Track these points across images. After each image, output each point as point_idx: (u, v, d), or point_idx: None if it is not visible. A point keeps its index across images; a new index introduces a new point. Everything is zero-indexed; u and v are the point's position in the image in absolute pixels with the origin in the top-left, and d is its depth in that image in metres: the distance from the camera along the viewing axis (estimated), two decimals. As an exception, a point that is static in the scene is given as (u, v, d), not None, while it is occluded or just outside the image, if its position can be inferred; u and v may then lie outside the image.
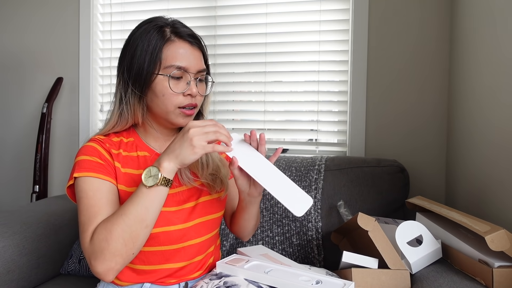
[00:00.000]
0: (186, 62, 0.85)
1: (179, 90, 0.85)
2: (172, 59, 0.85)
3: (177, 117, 0.87)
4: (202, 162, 0.94)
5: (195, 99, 0.88)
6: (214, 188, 0.95)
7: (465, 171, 1.29)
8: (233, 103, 1.80)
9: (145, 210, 0.76)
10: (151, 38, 0.85)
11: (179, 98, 0.85)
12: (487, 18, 1.13)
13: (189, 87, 0.85)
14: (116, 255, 0.75)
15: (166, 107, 0.86)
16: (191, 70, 0.86)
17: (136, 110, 0.88)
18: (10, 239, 1.14)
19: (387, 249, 0.93)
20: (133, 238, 0.75)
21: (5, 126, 1.96)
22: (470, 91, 1.26)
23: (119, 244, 0.74)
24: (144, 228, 0.76)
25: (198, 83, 0.89)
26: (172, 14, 1.76)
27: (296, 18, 1.66)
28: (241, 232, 1.03)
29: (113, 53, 1.85)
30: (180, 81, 0.86)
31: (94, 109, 1.87)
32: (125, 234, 0.74)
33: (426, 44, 1.53)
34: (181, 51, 0.86)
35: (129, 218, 0.75)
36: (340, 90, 1.64)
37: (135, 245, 0.76)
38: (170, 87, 0.84)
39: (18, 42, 1.93)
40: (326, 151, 1.67)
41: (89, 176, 0.82)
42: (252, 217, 0.97)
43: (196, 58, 0.88)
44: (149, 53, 0.84)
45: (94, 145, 0.86)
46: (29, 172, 1.91)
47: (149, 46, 0.85)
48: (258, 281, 0.81)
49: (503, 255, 0.81)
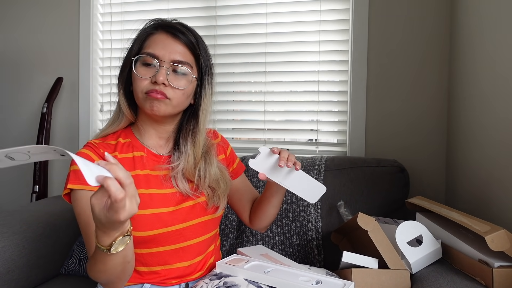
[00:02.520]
0: (159, 51, 0.86)
1: (147, 76, 0.85)
2: (148, 47, 0.87)
3: (145, 102, 0.86)
4: (200, 175, 0.91)
5: (164, 88, 0.85)
6: (211, 202, 0.93)
7: (465, 171, 1.29)
8: (233, 103, 1.80)
9: (123, 259, 0.69)
10: (141, 32, 0.90)
11: (145, 83, 0.86)
12: (486, 18, 1.13)
13: (156, 74, 0.85)
14: (113, 282, 0.76)
15: (137, 94, 0.87)
16: (163, 58, 0.86)
17: (121, 101, 0.91)
18: (10, 239, 1.14)
19: (387, 249, 0.93)
20: (121, 274, 0.73)
21: (5, 126, 1.96)
22: (470, 90, 1.26)
23: (109, 282, 0.75)
24: (127, 264, 0.72)
25: (174, 75, 0.87)
26: (172, 14, 1.77)
27: (296, 18, 1.66)
28: (264, 221, 1.05)
29: (113, 53, 1.85)
30: (150, 67, 0.86)
31: (94, 109, 1.87)
32: (111, 277, 0.73)
33: (426, 44, 1.53)
34: (158, 40, 0.88)
35: (110, 272, 0.71)
36: (340, 90, 1.64)
37: (125, 275, 0.75)
38: (136, 71, 0.86)
39: (18, 42, 1.93)
40: (326, 151, 1.67)
41: (83, 189, 0.81)
42: (279, 202, 1.01)
43: (174, 49, 0.87)
44: (133, 43, 0.90)
45: (88, 152, 0.86)
46: (29, 172, 1.91)
47: (137, 38, 0.90)
48: (258, 281, 0.81)
49: (503, 255, 0.81)
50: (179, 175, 0.89)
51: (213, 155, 0.96)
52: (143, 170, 0.89)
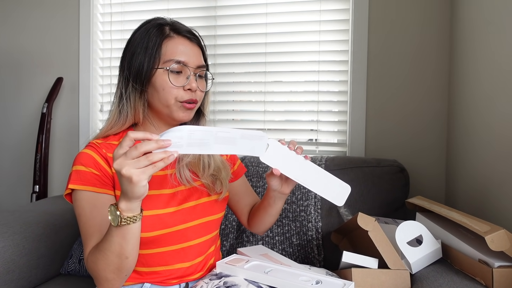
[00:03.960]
0: (185, 57, 0.86)
1: (179, 84, 0.86)
2: (172, 54, 0.86)
3: (178, 110, 0.87)
4: (204, 163, 0.93)
5: (195, 94, 0.88)
6: (213, 190, 0.94)
7: (465, 171, 1.29)
8: (233, 103, 1.80)
9: (119, 246, 0.72)
10: (151, 36, 0.87)
11: (179, 92, 0.86)
12: (486, 20, 1.13)
13: (189, 81, 0.86)
14: (108, 280, 0.77)
15: (166, 101, 0.86)
16: (190, 65, 0.87)
17: (137, 105, 0.88)
18: (10, 239, 1.14)
19: (387, 249, 0.93)
20: (117, 269, 0.75)
21: (5, 126, 1.96)
22: (470, 90, 1.26)
23: (106, 274, 0.76)
24: (125, 259, 0.74)
25: (198, 79, 0.89)
26: (172, 14, 1.77)
27: (296, 18, 1.66)
28: (261, 227, 1.04)
29: (113, 53, 1.85)
30: (179, 75, 0.87)
31: (94, 109, 1.87)
32: (108, 267, 0.75)
33: (426, 44, 1.53)
34: (180, 46, 0.87)
35: (107, 254, 0.74)
36: (340, 90, 1.64)
37: (121, 273, 0.76)
38: (170, 81, 0.85)
39: (18, 42, 1.93)
40: (326, 151, 1.67)
41: (85, 190, 0.82)
42: (278, 212, 0.99)
43: (195, 53, 0.89)
44: (149, 49, 0.86)
45: (90, 152, 0.85)
46: (29, 172, 1.91)
47: (149, 43, 0.86)
48: (258, 281, 0.81)
49: (503, 255, 0.81)
50: (183, 167, 0.91)
51: None
52: None
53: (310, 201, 1.31)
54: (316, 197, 1.31)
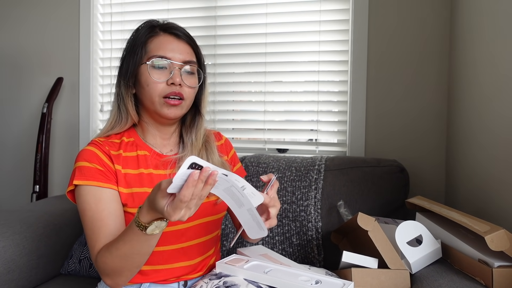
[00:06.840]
0: (170, 53, 0.87)
1: (162, 79, 0.86)
2: (156, 49, 0.87)
3: (162, 107, 0.87)
4: None
5: (180, 89, 0.87)
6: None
7: (465, 171, 1.29)
8: (233, 103, 1.80)
9: (151, 247, 0.75)
10: (140, 35, 0.89)
11: (162, 86, 0.86)
12: (487, 16, 1.13)
13: (172, 75, 0.86)
14: (120, 275, 0.78)
15: (151, 97, 0.87)
16: (175, 59, 0.87)
17: (128, 104, 0.90)
18: (10, 239, 1.14)
19: (387, 249, 0.93)
20: (130, 266, 0.77)
21: (5, 126, 1.97)
22: (470, 90, 1.26)
23: (118, 271, 0.77)
24: (140, 257, 0.76)
25: (186, 75, 0.89)
26: (172, 14, 1.77)
27: (296, 18, 1.66)
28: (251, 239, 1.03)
29: (113, 53, 1.85)
30: (163, 71, 0.87)
31: (94, 109, 1.87)
32: (121, 264, 0.76)
33: (426, 44, 1.53)
34: (165, 42, 0.88)
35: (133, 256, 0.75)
36: (340, 90, 1.64)
37: (133, 269, 0.78)
38: (151, 75, 0.86)
39: (18, 42, 1.93)
40: (326, 151, 1.67)
41: (90, 184, 0.82)
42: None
43: (181, 49, 0.89)
44: (136, 47, 0.88)
45: (93, 149, 0.86)
46: (29, 172, 1.91)
47: (137, 41, 0.89)
48: (258, 281, 0.81)
49: (503, 255, 0.81)
50: None
51: (213, 143, 0.98)
52: (146, 169, 0.89)
53: (310, 201, 1.31)
54: (316, 197, 1.31)
